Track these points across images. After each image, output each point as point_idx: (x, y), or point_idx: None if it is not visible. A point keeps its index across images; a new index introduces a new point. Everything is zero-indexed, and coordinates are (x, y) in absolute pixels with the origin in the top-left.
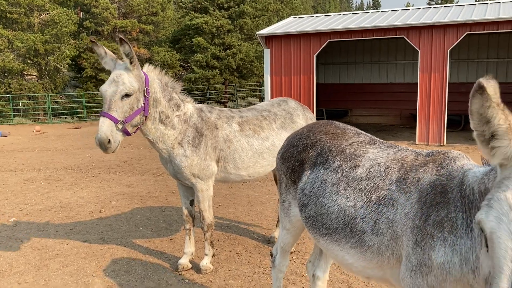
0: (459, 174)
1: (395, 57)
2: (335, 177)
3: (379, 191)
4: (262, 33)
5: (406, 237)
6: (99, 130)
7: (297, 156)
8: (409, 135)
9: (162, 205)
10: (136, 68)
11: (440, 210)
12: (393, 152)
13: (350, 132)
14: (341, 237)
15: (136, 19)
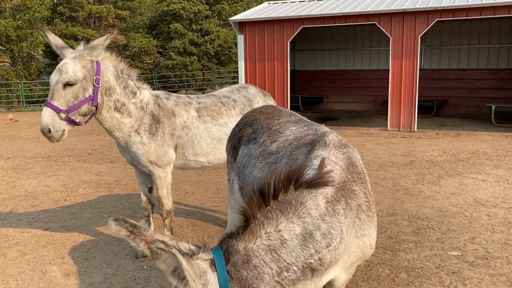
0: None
1: (369, 44)
2: (257, 151)
3: (276, 164)
4: (235, 19)
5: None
6: (41, 119)
7: (238, 133)
8: (382, 121)
9: (129, 192)
10: (82, 58)
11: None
12: (303, 130)
13: (284, 113)
14: None
15: (112, 4)
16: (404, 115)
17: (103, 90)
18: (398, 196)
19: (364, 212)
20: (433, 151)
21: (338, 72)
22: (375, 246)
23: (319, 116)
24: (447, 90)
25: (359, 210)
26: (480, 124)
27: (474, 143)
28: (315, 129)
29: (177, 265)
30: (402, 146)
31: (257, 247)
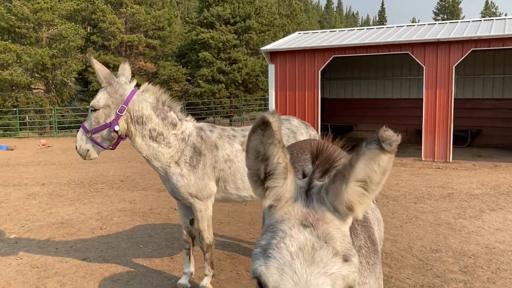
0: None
1: (400, 73)
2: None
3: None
4: (267, 48)
5: None
6: (76, 139)
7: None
8: (415, 151)
9: (164, 222)
10: (109, 86)
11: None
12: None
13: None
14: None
15: (142, 33)
16: (438, 145)
17: (133, 119)
18: (441, 231)
19: (364, 257)
20: (471, 183)
21: (368, 100)
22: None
23: (349, 145)
24: (481, 120)
25: (359, 252)
26: None
27: None
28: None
29: None
30: (439, 178)
31: None
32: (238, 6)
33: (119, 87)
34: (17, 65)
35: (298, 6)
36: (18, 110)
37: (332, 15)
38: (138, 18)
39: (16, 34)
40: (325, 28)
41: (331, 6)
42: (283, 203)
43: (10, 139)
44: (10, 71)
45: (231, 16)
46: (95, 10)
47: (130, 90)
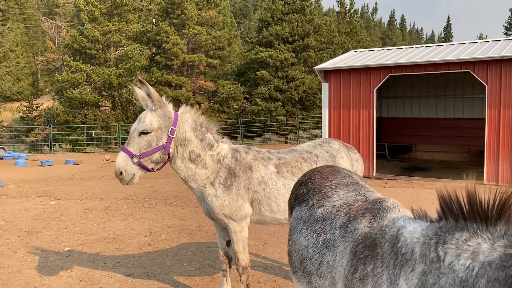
0: (391, 230)
1: (462, 91)
2: (306, 215)
3: (325, 234)
4: (321, 67)
5: (340, 285)
6: (116, 162)
7: (294, 192)
8: (477, 173)
9: (209, 240)
10: (160, 108)
11: (367, 264)
12: (351, 196)
13: (340, 174)
14: (299, 276)
15: (203, 53)
16: (503, 168)
17: (178, 141)
18: None
19: None
20: None
21: (428, 120)
22: None
23: (407, 165)
24: None
25: None
26: None
27: None
28: (363, 194)
29: None
30: None
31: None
32: (297, 25)
33: (167, 109)
34: (86, 84)
35: (358, 24)
36: (86, 127)
37: (395, 32)
38: (199, 38)
39: (87, 55)
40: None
41: (393, 22)
42: None
43: (78, 153)
44: (80, 90)
45: (289, 35)
46: (159, 31)
47: (174, 112)
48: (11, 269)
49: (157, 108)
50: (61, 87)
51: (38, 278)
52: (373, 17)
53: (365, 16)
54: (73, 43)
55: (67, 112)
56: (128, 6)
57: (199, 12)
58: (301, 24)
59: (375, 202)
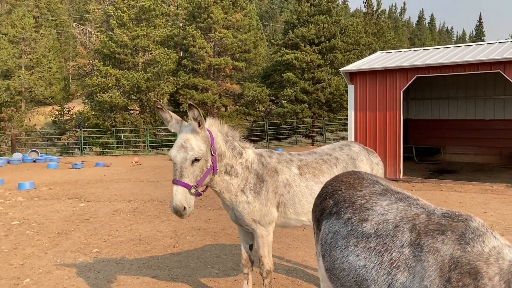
0: (499, 262)
1: (493, 92)
2: (345, 230)
3: (390, 253)
4: (346, 69)
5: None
6: (174, 198)
7: (319, 205)
8: (509, 176)
9: (233, 243)
10: (203, 130)
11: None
12: (402, 208)
13: (367, 181)
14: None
15: (229, 56)
16: None
17: (217, 157)
18: None
19: None
20: None
21: (457, 121)
22: None
23: (436, 168)
24: None
25: None
26: None
27: None
28: (417, 204)
29: None
30: None
31: None
32: (323, 26)
33: (205, 128)
34: (116, 88)
35: (386, 24)
36: (115, 130)
37: (424, 32)
38: (225, 42)
39: (116, 59)
40: (415, 45)
41: (422, 22)
42: None
43: (108, 156)
44: (110, 94)
45: (315, 37)
46: (186, 35)
47: (206, 129)
48: (41, 270)
49: (200, 131)
50: (91, 91)
51: (67, 278)
52: (401, 17)
53: (393, 16)
54: (102, 48)
55: (97, 116)
56: (155, 11)
57: (225, 15)
58: (327, 25)
59: (454, 219)
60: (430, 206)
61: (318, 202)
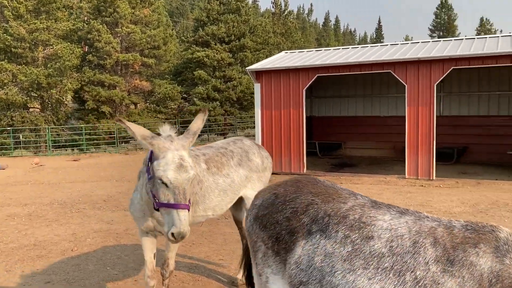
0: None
1: (387, 90)
2: (344, 251)
3: (414, 272)
4: (252, 68)
5: None
6: (183, 225)
7: (284, 223)
8: (401, 168)
9: (136, 243)
10: (189, 144)
11: None
12: (413, 221)
13: (343, 192)
14: None
15: (138, 52)
16: (422, 163)
17: None
18: None
19: None
20: (451, 201)
21: (356, 118)
22: None
23: (337, 162)
24: (468, 137)
25: None
26: (502, 173)
27: (494, 193)
28: (431, 218)
29: None
30: (420, 196)
31: None
32: (232, 25)
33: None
34: (12, 85)
35: (293, 25)
36: (13, 129)
37: (330, 33)
38: (133, 37)
39: (12, 54)
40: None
41: (328, 24)
42: None
43: (4, 158)
44: (5, 91)
45: (226, 35)
46: (90, 30)
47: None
48: None
49: (185, 145)
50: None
51: None
52: (309, 18)
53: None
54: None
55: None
56: (56, 3)
57: (133, 10)
58: (237, 24)
59: (480, 231)
60: (440, 218)
61: (281, 218)
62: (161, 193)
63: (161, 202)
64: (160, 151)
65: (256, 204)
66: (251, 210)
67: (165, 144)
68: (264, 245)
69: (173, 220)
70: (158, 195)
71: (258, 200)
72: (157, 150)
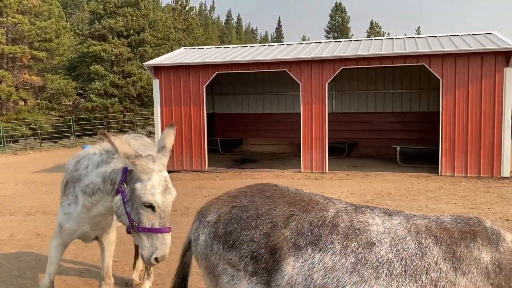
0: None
1: (285, 89)
2: (347, 262)
3: (427, 273)
4: (150, 63)
5: None
6: (168, 248)
7: (262, 240)
8: (297, 162)
9: (21, 250)
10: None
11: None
12: (406, 222)
13: (316, 198)
14: None
15: (27, 45)
16: (316, 158)
17: None
18: None
19: None
20: (342, 193)
21: (256, 115)
22: None
23: (238, 158)
24: (358, 132)
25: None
26: (388, 165)
27: (380, 184)
28: (418, 215)
29: None
30: (314, 188)
31: None
32: (131, 19)
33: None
34: None
35: (195, 21)
36: None
37: (232, 31)
38: (21, 28)
39: None
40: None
41: (230, 21)
42: None
43: None
44: None
45: (124, 29)
46: None
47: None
48: None
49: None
50: None
51: None
52: (211, 15)
53: (203, 14)
54: None
55: None
56: None
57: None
58: (136, 18)
59: (471, 224)
60: (427, 215)
61: (257, 235)
62: (145, 217)
63: (143, 226)
64: (144, 173)
65: (209, 221)
66: (201, 229)
67: (149, 165)
68: (232, 267)
69: (158, 244)
70: (141, 219)
71: (211, 216)
72: (141, 171)
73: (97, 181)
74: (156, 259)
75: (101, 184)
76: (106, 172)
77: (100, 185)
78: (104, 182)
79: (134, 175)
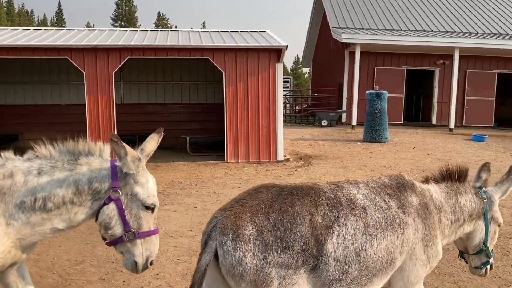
0: (426, 193)
1: (67, 78)
2: (359, 227)
3: (394, 220)
4: None
5: (418, 246)
6: (157, 247)
7: (307, 232)
8: None
9: None
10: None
11: (431, 218)
12: (366, 188)
13: (315, 186)
14: (380, 275)
15: None
16: None
17: None
18: (90, 239)
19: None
20: None
21: (35, 107)
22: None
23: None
24: (148, 123)
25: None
26: (178, 155)
27: (171, 174)
28: (370, 183)
29: None
30: None
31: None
32: None
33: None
34: None
35: None
36: None
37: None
38: None
39: None
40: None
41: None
42: None
43: None
44: None
45: None
46: None
47: None
48: None
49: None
50: None
51: None
52: None
53: None
54: None
55: None
56: None
57: None
58: None
59: (398, 179)
60: (371, 179)
61: (303, 230)
62: (145, 221)
63: (143, 231)
64: (142, 176)
65: (248, 236)
66: (242, 247)
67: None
68: (284, 268)
69: (151, 247)
70: (141, 224)
71: (248, 230)
72: (140, 175)
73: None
74: (151, 262)
75: (71, 195)
76: (78, 179)
77: (71, 197)
78: (79, 192)
79: (128, 180)
